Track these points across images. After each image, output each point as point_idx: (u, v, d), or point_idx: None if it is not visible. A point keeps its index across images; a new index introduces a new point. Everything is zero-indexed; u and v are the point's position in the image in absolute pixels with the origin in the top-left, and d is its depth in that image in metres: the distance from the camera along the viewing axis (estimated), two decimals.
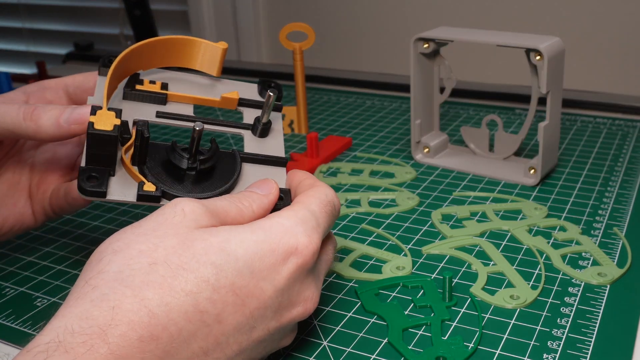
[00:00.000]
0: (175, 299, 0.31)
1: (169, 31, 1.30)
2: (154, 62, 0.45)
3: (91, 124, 0.39)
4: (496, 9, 0.94)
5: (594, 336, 0.42)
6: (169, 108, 0.45)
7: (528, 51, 0.59)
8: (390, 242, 0.54)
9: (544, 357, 0.40)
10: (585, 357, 0.40)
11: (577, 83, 0.89)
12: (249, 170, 0.44)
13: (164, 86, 0.46)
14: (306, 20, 1.04)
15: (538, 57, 0.58)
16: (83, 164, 0.39)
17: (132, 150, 0.41)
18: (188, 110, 0.46)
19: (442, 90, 0.69)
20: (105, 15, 1.38)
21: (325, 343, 0.42)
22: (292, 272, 0.36)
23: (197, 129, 0.40)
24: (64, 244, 0.56)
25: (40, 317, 0.46)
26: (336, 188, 0.64)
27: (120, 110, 0.40)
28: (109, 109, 0.39)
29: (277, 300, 0.35)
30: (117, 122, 0.39)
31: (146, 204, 0.40)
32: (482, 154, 0.69)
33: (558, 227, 0.55)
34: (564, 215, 0.57)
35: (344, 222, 0.57)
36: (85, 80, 0.49)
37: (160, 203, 0.40)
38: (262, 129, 0.46)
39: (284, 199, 0.42)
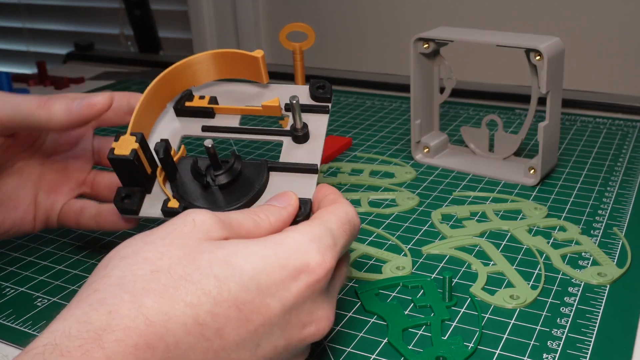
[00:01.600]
0: (174, 310, 0.31)
1: (169, 31, 1.30)
2: (196, 80, 0.47)
3: (112, 150, 0.41)
4: (496, 9, 0.94)
5: (594, 336, 0.42)
6: (216, 121, 0.47)
7: (528, 51, 0.59)
8: (390, 242, 0.54)
9: (544, 357, 0.40)
10: (585, 357, 0.40)
11: (577, 83, 0.90)
12: (278, 180, 0.44)
13: (213, 100, 0.47)
14: (306, 20, 1.04)
15: (538, 57, 0.58)
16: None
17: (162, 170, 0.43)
18: (234, 122, 0.47)
19: (442, 90, 0.69)
20: (106, 15, 1.38)
21: (325, 343, 0.42)
22: (302, 290, 0.34)
23: (208, 146, 0.41)
24: (64, 244, 0.56)
25: (41, 317, 0.46)
26: (336, 188, 0.64)
27: (141, 134, 0.42)
28: (131, 134, 0.41)
29: (284, 319, 0.34)
30: (136, 146, 0.41)
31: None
32: (482, 154, 0.69)
33: (558, 227, 0.55)
34: (564, 215, 0.57)
35: None
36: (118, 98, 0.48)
37: None
38: (297, 135, 0.45)
39: (303, 209, 0.41)
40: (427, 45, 0.65)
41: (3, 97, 0.44)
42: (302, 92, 0.47)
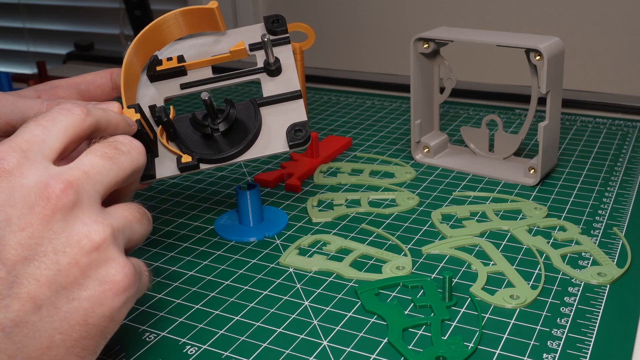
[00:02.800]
0: None
1: None
2: (160, 43, 0.50)
3: None
4: (496, 9, 0.94)
5: (594, 336, 0.42)
6: (190, 77, 0.50)
7: (528, 51, 0.59)
8: (390, 242, 0.54)
9: (544, 356, 0.40)
10: (585, 357, 0.40)
11: (577, 83, 0.90)
12: (269, 112, 0.48)
13: (180, 59, 0.50)
14: (306, 20, 1.04)
15: (538, 57, 0.58)
16: None
17: (161, 130, 0.47)
18: (207, 73, 0.50)
19: (442, 90, 0.69)
20: (106, 15, 1.38)
21: (325, 343, 0.42)
22: (46, 215, 0.32)
23: (205, 98, 0.45)
24: None
25: None
26: (336, 188, 0.64)
27: (138, 105, 0.44)
28: (128, 107, 0.44)
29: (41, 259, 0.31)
30: (138, 116, 0.43)
31: (188, 173, 0.46)
32: (482, 154, 0.69)
33: (558, 227, 0.55)
34: (564, 215, 0.57)
35: (344, 222, 0.57)
36: (96, 77, 0.49)
37: (201, 169, 0.46)
38: (271, 70, 0.49)
39: (304, 131, 0.47)
40: (427, 45, 0.65)
41: (8, 101, 0.44)
42: (258, 31, 0.51)
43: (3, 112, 0.44)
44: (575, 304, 0.45)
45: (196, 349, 0.42)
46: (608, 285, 0.47)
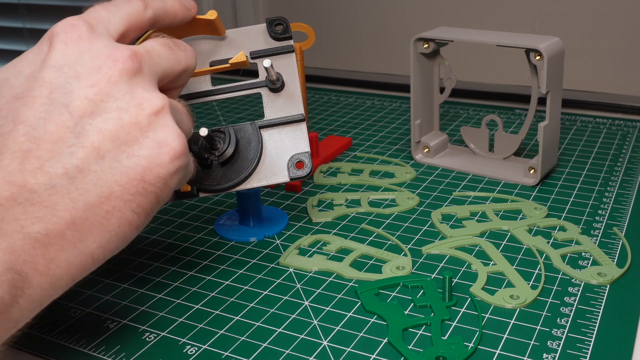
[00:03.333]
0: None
1: None
2: None
3: None
4: (496, 9, 0.94)
5: (594, 336, 0.42)
6: (189, 87, 0.48)
7: (528, 51, 0.59)
8: (390, 242, 0.54)
9: (544, 356, 0.40)
10: (585, 357, 0.40)
11: (577, 83, 0.90)
12: (270, 135, 0.47)
13: None
14: (306, 20, 1.04)
15: (538, 57, 0.58)
16: None
17: None
18: (207, 84, 0.49)
19: (442, 90, 0.69)
20: None
21: (325, 343, 0.42)
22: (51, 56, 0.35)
23: (203, 135, 0.44)
24: None
25: (40, 318, 0.46)
26: (336, 188, 0.64)
27: None
28: None
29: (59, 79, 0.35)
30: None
31: (185, 200, 0.48)
32: (482, 154, 0.69)
33: (558, 227, 0.55)
34: (564, 215, 0.57)
35: (344, 222, 0.57)
36: None
37: (200, 196, 0.47)
38: (273, 88, 0.48)
39: (307, 162, 0.46)
40: (427, 45, 0.65)
41: None
42: (260, 33, 0.49)
43: None
44: (575, 304, 0.45)
45: (196, 349, 0.42)
46: (608, 285, 0.47)
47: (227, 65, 0.48)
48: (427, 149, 0.69)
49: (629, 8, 0.87)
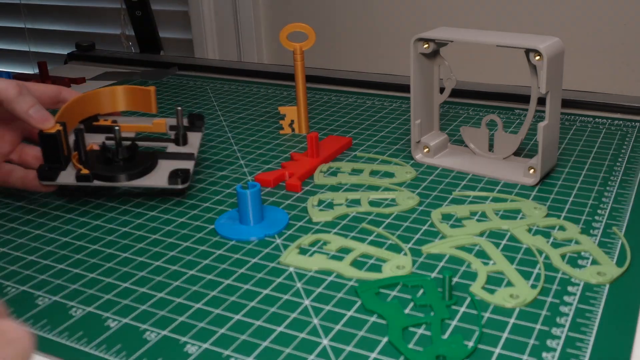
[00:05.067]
0: None
1: (169, 31, 1.30)
2: (101, 109, 0.66)
3: (41, 131, 0.57)
4: (496, 9, 0.94)
5: (593, 335, 0.42)
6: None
7: (527, 51, 0.59)
8: (390, 241, 0.54)
9: (543, 356, 0.40)
10: (585, 356, 0.40)
11: (577, 83, 0.90)
12: (164, 162, 0.61)
13: (114, 121, 0.66)
14: (306, 21, 1.04)
15: (537, 57, 0.58)
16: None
17: (77, 155, 0.60)
18: (130, 135, 0.65)
19: (442, 90, 0.69)
20: (107, 15, 1.38)
21: (325, 342, 0.42)
22: None
23: (117, 128, 0.60)
24: (65, 244, 0.56)
25: (42, 316, 0.46)
26: (336, 188, 0.64)
27: (64, 123, 0.58)
28: (57, 122, 0.58)
29: None
30: (60, 127, 0.57)
31: (83, 184, 0.58)
32: (481, 154, 0.69)
33: (557, 227, 0.55)
34: (564, 214, 0.57)
35: (345, 222, 0.58)
36: (46, 89, 0.62)
37: (94, 183, 0.58)
38: (178, 140, 0.64)
39: (183, 177, 0.59)
40: (427, 45, 0.65)
41: None
42: (179, 122, 0.65)
43: None
44: (575, 303, 0.45)
45: (197, 348, 0.42)
46: (607, 285, 0.47)
47: (150, 125, 0.66)
48: (427, 149, 0.69)
49: (629, 8, 0.87)
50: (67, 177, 0.58)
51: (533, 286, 0.47)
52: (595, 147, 0.72)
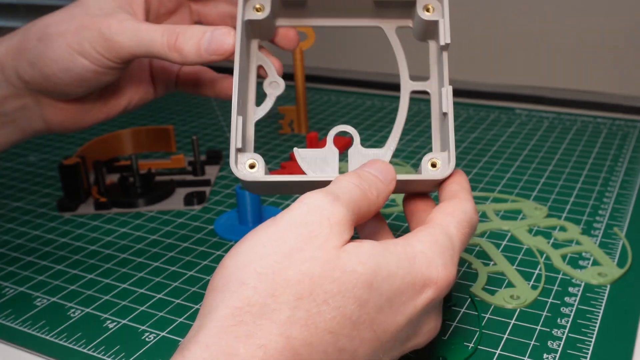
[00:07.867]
0: (317, 339, 0.30)
1: None
2: (122, 150, 0.69)
3: (61, 163, 0.61)
4: (496, 8, 0.94)
5: (594, 336, 0.42)
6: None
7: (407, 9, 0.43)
8: None
9: (544, 357, 0.40)
10: (586, 357, 0.40)
11: (577, 83, 0.89)
12: (181, 190, 0.64)
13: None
14: None
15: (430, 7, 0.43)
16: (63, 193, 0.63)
17: (97, 188, 0.63)
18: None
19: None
20: None
21: None
22: (425, 305, 0.33)
23: (133, 157, 0.62)
24: (63, 245, 0.56)
25: (40, 317, 0.46)
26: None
27: (84, 157, 0.62)
28: (77, 156, 0.62)
29: (406, 332, 0.34)
30: (80, 160, 0.61)
31: (103, 212, 0.61)
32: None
33: (558, 227, 0.55)
34: (564, 215, 0.57)
35: None
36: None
37: (112, 210, 0.61)
38: (198, 170, 0.67)
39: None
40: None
41: (129, 29, 0.43)
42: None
43: (127, 45, 0.43)
44: (576, 304, 0.45)
45: None
46: (608, 286, 0.47)
47: (169, 161, 0.69)
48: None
49: (629, 8, 0.86)
50: (86, 208, 0.61)
51: (534, 287, 0.47)
52: (596, 147, 0.72)
